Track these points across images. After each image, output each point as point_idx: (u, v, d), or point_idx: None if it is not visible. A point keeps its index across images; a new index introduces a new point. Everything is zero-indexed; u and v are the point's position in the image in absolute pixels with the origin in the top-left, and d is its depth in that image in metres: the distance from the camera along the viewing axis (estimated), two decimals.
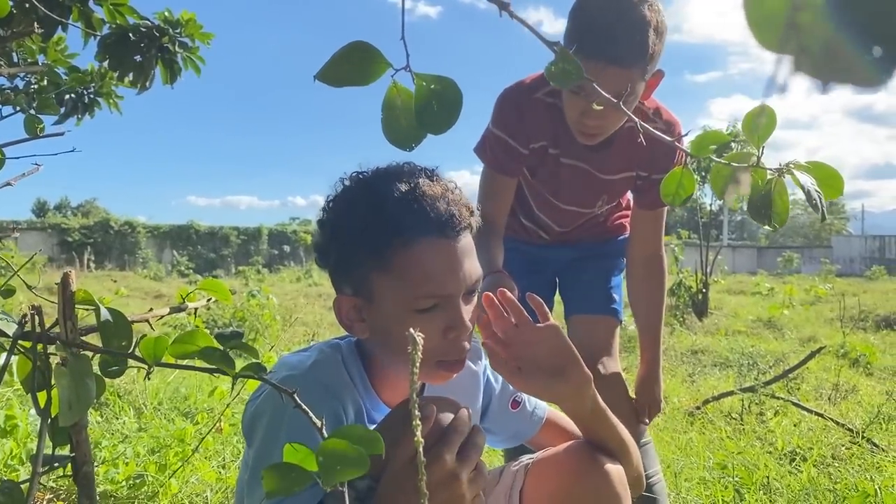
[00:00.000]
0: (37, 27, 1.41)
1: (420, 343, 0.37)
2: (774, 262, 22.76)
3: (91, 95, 2.15)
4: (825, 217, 0.62)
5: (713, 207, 8.35)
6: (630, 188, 1.65)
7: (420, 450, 0.38)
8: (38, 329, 0.63)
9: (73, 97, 2.11)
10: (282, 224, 30.29)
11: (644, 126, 0.64)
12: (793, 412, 2.96)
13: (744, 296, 10.20)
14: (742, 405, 3.00)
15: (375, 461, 0.48)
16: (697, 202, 8.64)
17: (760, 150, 0.57)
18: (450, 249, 0.86)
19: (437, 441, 0.73)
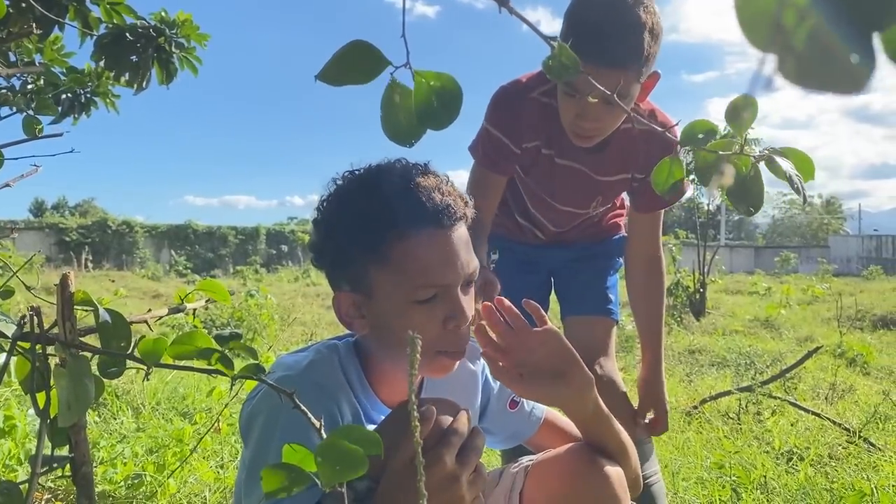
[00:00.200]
0: (35, 27, 1.40)
1: (418, 341, 0.38)
2: (772, 262, 22.80)
3: (88, 95, 2.15)
4: (806, 199, 0.64)
5: (711, 207, 8.35)
6: (626, 190, 1.65)
7: (419, 451, 0.38)
8: (37, 330, 0.63)
9: (70, 97, 2.11)
10: (280, 224, 30.26)
11: (641, 120, 0.64)
12: (790, 412, 2.96)
13: (741, 295, 10.22)
14: (739, 405, 3.01)
15: (375, 462, 0.48)
16: (695, 202, 8.65)
17: (743, 138, 0.58)
18: (446, 240, 0.86)
19: (437, 443, 0.73)
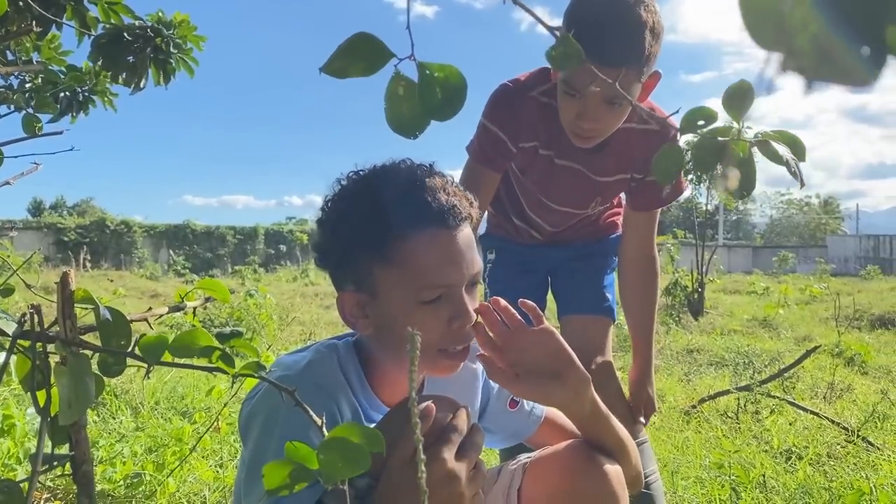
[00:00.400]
0: (33, 26, 1.40)
1: (419, 339, 0.38)
2: (770, 262, 22.82)
3: (86, 93, 2.15)
4: (804, 183, 0.64)
5: (709, 207, 8.36)
6: (624, 190, 1.65)
7: (420, 448, 0.38)
8: (38, 328, 0.63)
9: (69, 95, 2.11)
10: (278, 224, 30.23)
11: (644, 111, 0.64)
12: (788, 411, 2.97)
13: (739, 295, 10.23)
14: (738, 404, 3.01)
15: (375, 459, 0.49)
16: (693, 202, 8.65)
17: (741, 123, 0.58)
18: (451, 240, 0.86)
19: (437, 440, 0.73)
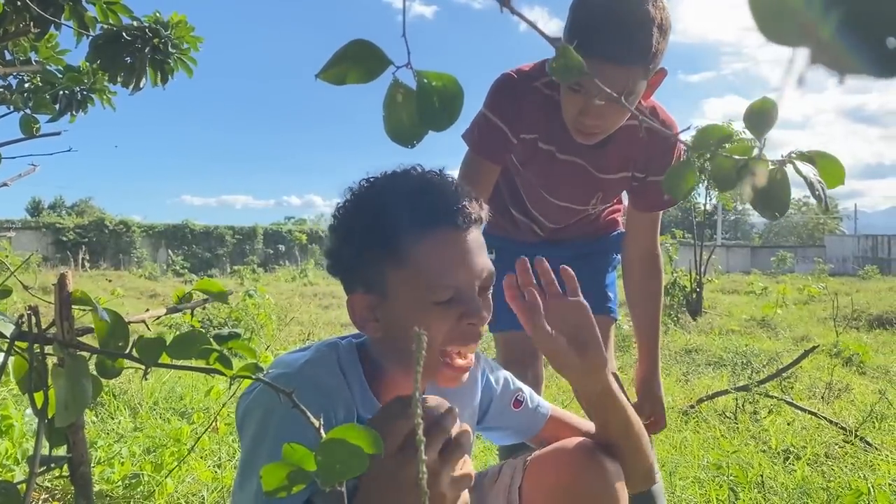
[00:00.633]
0: (31, 26, 1.40)
1: (425, 339, 0.38)
2: (768, 262, 22.85)
3: (84, 92, 2.15)
4: (828, 208, 0.62)
5: (707, 207, 8.36)
6: (625, 188, 1.63)
7: (422, 449, 0.38)
8: (35, 329, 0.63)
9: (67, 94, 2.11)
10: (277, 223, 30.23)
11: (646, 120, 0.64)
12: (786, 411, 2.97)
13: (737, 295, 10.24)
14: (736, 404, 3.02)
15: None
16: (692, 202, 8.66)
17: (762, 142, 0.57)
18: (462, 240, 0.87)
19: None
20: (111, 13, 1.87)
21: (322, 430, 0.49)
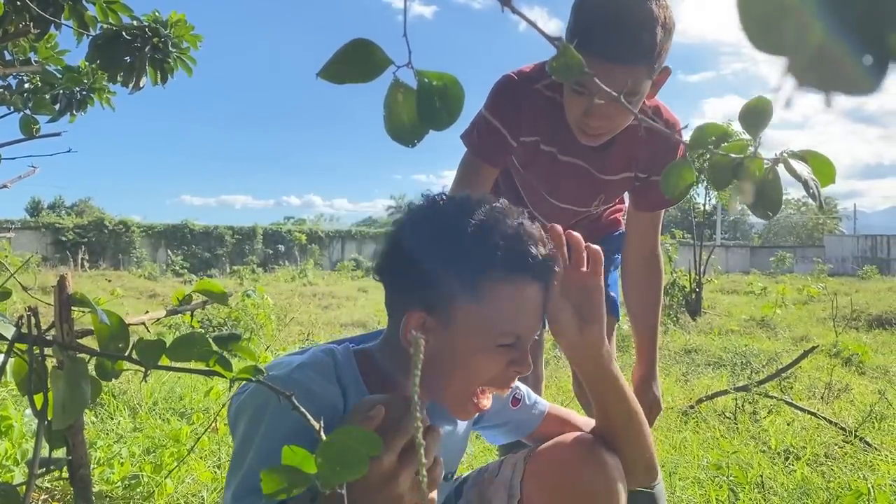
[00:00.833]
0: (31, 27, 1.40)
1: (422, 345, 0.38)
2: (767, 262, 22.86)
3: (84, 92, 2.15)
4: (822, 205, 0.63)
5: (707, 207, 8.37)
6: (627, 188, 1.62)
7: (422, 451, 0.38)
8: (35, 331, 0.63)
9: (66, 94, 2.11)
10: (276, 224, 30.25)
11: (647, 121, 0.64)
12: (786, 411, 2.97)
13: (737, 295, 10.25)
14: (736, 404, 3.02)
15: None
16: (691, 202, 8.66)
17: (757, 140, 0.57)
18: (538, 294, 0.90)
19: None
20: (111, 12, 1.87)
21: (322, 433, 0.49)
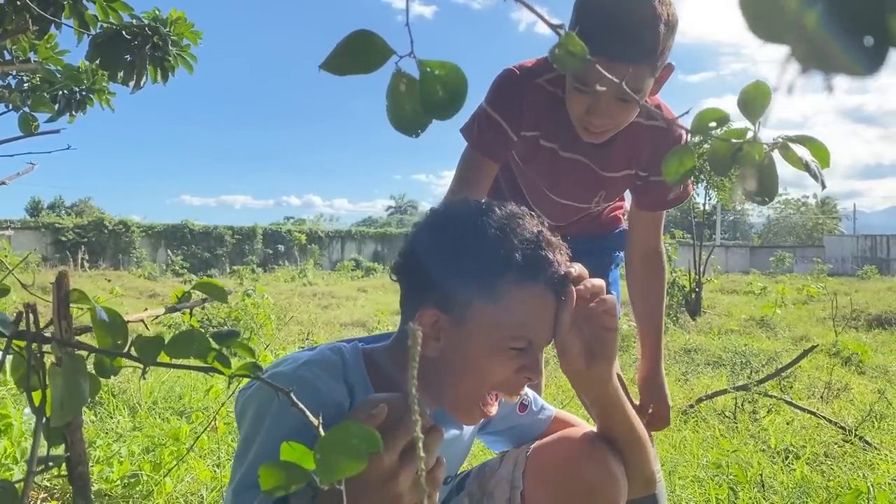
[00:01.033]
0: (31, 25, 1.40)
1: (420, 338, 0.38)
2: (767, 262, 22.88)
3: (83, 92, 2.14)
4: (825, 185, 0.63)
5: (706, 207, 8.37)
6: (629, 186, 1.60)
7: (420, 446, 0.38)
8: (33, 328, 0.63)
9: (66, 94, 2.11)
10: (276, 223, 30.26)
11: (650, 110, 0.63)
12: (786, 410, 2.97)
13: (737, 295, 10.25)
14: (735, 403, 3.02)
15: None
16: (691, 202, 8.67)
17: (757, 126, 0.57)
18: (552, 302, 0.91)
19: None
20: (111, 11, 1.87)
21: (321, 429, 0.49)
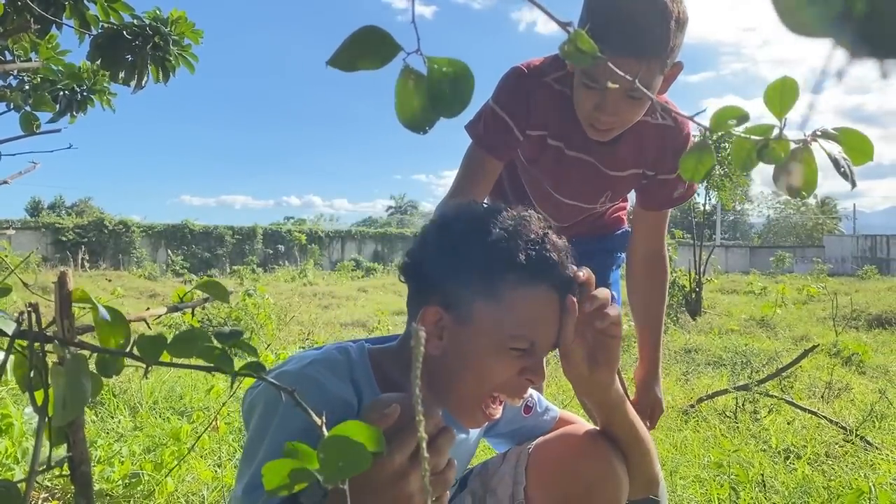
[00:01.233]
0: (32, 24, 1.40)
1: (423, 338, 0.37)
2: (767, 262, 22.89)
3: (84, 93, 2.14)
4: (855, 184, 0.60)
5: (706, 207, 8.37)
6: (635, 186, 1.58)
7: (424, 446, 0.38)
8: (35, 327, 0.63)
9: (67, 94, 2.10)
10: (276, 223, 30.28)
11: (657, 104, 0.63)
12: (786, 410, 2.97)
13: (737, 295, 10.25)
14: (736, 403, 3.02)
15: None
16: (691, 202, 8.66)
17: (783, 122, 0.56)
18: (556, 304, 0.90)
19: (390, 438, 0.73)
20: (112, 11, 1.86)
21: (325, 428, 0.49)
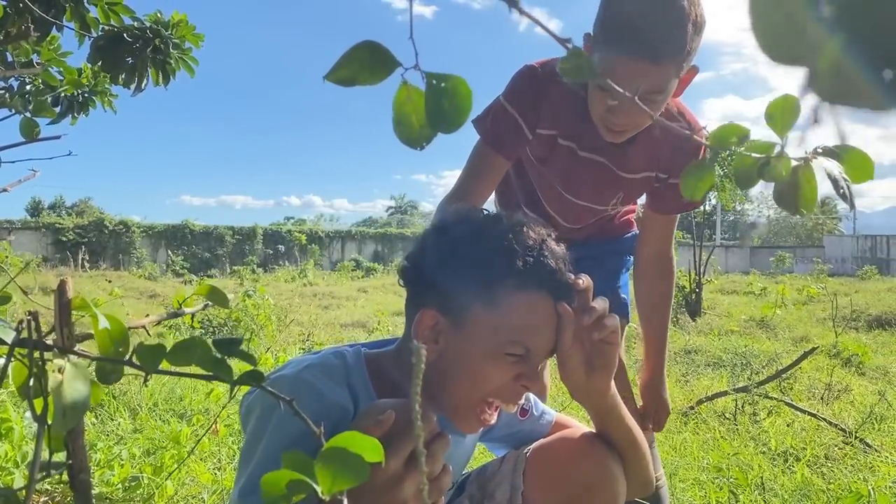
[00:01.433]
0: (32, 29, 1.40)
1: (423, 354, 0.38)
2: (767, 262, 22.89)
3: (85, 94, 2.15)
4: (854, 205, 0.61)
5: (706, 207, 8.37)
6: (647, 189, 1.57)
7: (422, 458, 0.38)
8: (35, 335, 0.63)
9: (68, 96, 2.11)
10: (276, 224, 30.31)
11: (665, 123, 0.64)
12: (786, 412, 2.97)
13: (737, 295, 10.25)
14: (735, 405, 3.02)
15: None
16: None
17: (784, 139, 0.56)
18: (553, 312, 0.90)
19: (385, 444, 0.73)
20: (113, 14, 1.87)
21: (323, 437, 0.49)
